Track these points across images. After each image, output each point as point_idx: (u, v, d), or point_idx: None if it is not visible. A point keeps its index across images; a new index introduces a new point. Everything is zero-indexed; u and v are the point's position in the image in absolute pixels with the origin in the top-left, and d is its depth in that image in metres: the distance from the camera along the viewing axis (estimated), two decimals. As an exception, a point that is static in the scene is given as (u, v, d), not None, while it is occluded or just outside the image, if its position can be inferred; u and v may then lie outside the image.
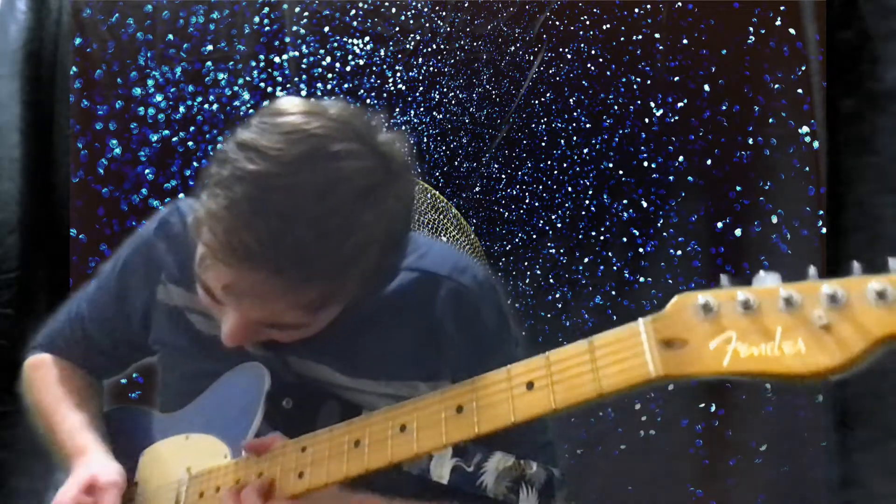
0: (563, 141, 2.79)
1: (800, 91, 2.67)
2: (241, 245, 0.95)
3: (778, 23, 2.69)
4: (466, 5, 2.82)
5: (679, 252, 2.72)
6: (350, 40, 2.83)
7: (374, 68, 2.83)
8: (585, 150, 2.79)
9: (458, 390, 0.95)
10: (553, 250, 2.78)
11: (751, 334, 0.75)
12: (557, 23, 2.79)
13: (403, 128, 2.82)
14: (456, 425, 0.93)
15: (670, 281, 2.72)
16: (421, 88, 2.83)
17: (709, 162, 2.74)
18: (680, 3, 2.74)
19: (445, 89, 2.82)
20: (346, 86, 2.83)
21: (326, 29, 2.83)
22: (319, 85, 2.81)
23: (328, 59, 2.83)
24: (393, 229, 1.04)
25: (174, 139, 2.75)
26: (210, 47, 2.80)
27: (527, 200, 2.81)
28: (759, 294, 0.76)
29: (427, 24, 2.82)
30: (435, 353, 1.18)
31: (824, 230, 2.50)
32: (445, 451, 1.15)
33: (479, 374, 0.94)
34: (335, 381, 1.19)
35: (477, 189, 2.82)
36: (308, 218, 0.95)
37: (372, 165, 1.01)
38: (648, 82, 2.76)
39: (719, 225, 2.72)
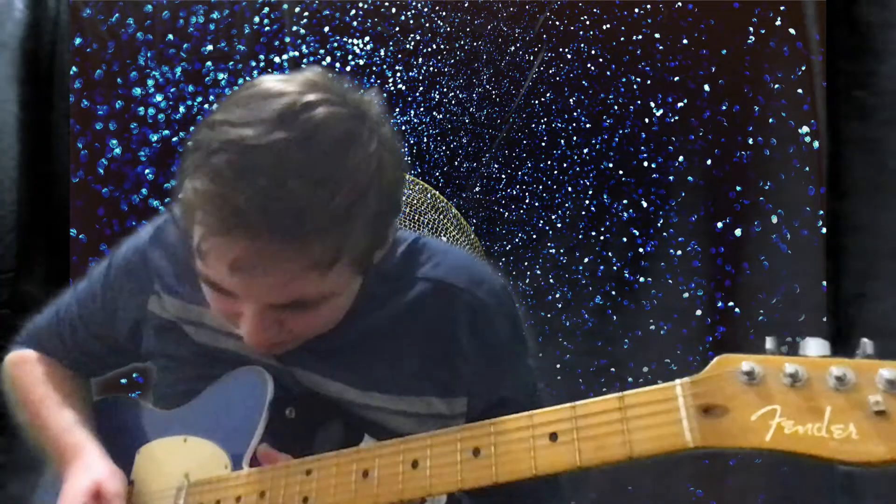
0: (563, 141, 2.79)
1: (800, 91, 2.66)
2: (233, 210, 0.93)
3: (778, 23, 2.69)
4: (466, 5, 2.81)
5: (679, 252, 2.72)
6: (350, 40, 2.83)
7: (374, 68, 2.83)
8: (585, 150, 2.79)
9: (476, 431, 0.90)
10: (553, 250, 2.78)
11: (797, 411, 0.70)
12: (557, 23, 2.79)
13: (403, 128, 2.82)
14: (472, 469, 0.88)
15: (670, 281, 2.71)
16: (421, 88, 2.82)
17: (709, 162, 2.74)
18: (680, 3, 2.74)
19: (445, 89, 2.82)
20: (345, 86, 2.82)
21: (326, 29, 2.83)
22: (319, 85, 2.81)
23: (328, 59, 2.82)
24: (385, 174, 1.01)
25: (174, 139, 2.75)
26: (210, 47, 2.80)
27: (527, 200, 2.81)
28: (808, 367, 0.71)
29: (427, 24, 2.82)
30: (450, 369, 1.14)
31: (824, 230, 2.50)
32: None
33: (496, 391, 0.90)
34: (344, 397, 1.14)
35: (477, 189, 2.81)
36: (293, 170, 0.93)
37: (346, 112, 1.00)
38: (648, 82, 2.76)
39: (719, 225, 2.71)
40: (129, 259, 1.27)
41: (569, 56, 2.79)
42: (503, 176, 2.82)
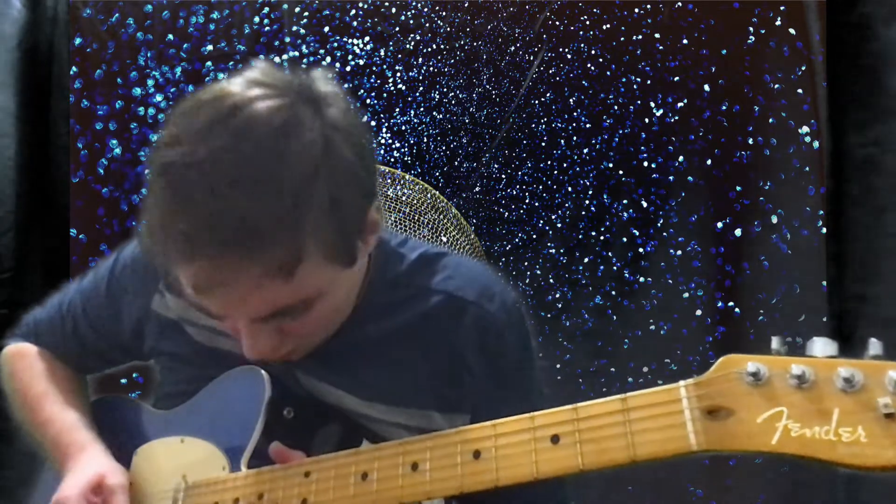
0: (563, 141, 2.79)
1: (800, 91, 2.67)
2: (180, 236, 0.90)
3: (778, 23, 2.69)
4: (466, 5, 2.81)
5: (679, 252, 2.72)
6: (350, 40, 2.83)
7: (374, 68, 2.83)
8: (585, 150, 2.79)
9: (477, 433, 0.88)
10: (553, 250, 2.78)
11: (804, 413, 0.68)
12: (557, 23, 2.79)
13: (403, 128, 2.82)
14: (473, 472, 0.86)
15: (670, 281, 2.71)
16: (421, 88, 2.82)
17: (709, 162, 2.74)
18: (680, 3, 2.74)
19: (445, 89, 2.82)
20: (346, 86, 2.81)
21: (326, 29, 2.83)
22: (319, 85, 2.81)
23: (328, 59, 2.82)
24: (336, 156, 0.94)
25: (174, 139, 2.75)
26: (210, 47, 2.80)
27: (527, 200, 2.81)
28: (815, 368, 0.69)
29: (427, 24, 2.82)
30: (454, 384, 1.12)
31: (824, 230, 2.50)
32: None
33: (500, 410, 0.88)
34: (344, 406, 1.12)
35: (477, 189, 2.81)
36: (228, 180, 0.88)
37: (282, 102, 0.94)
38: (648, 82, 2.76)
39: (719, 225, 2.72)
40: (136, 257, 1.26)
41: (569, 56, 2.79)
42: (503, 176, 2.81)
